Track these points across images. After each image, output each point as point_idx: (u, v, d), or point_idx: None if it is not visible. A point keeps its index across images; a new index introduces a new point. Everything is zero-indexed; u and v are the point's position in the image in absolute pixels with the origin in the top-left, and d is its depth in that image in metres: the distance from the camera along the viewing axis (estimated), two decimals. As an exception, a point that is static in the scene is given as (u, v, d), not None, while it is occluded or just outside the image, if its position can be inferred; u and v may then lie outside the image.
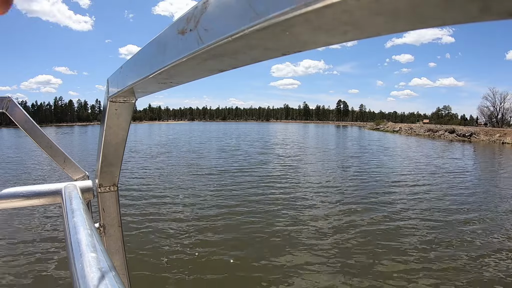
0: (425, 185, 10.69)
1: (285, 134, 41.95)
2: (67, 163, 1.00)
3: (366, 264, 4.74)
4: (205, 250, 5.15)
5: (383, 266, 4.63)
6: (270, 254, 4.99)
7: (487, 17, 0.13)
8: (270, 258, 4.87)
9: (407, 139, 37.44)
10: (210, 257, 4.92)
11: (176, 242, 5.44)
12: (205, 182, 10.43)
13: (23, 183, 8.89)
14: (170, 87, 0.46)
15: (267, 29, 0.19)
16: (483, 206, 8.08)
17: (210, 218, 6.65)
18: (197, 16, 0.26)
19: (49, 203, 0.84)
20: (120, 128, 0.77)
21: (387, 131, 56.16)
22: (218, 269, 4.55)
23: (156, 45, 0.37)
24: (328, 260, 4.83)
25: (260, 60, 0.27)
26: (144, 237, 5.62)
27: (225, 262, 4.76)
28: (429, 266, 4.71)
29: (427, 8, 0.14)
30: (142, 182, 10.38)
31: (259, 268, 4.59)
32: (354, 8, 0.15)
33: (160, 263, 4.72)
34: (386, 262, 4.76)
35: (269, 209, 7.40)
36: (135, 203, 7.75)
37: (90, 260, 0.44)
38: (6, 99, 0.92)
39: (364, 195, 8.95)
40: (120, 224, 0.96)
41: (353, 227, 6.29)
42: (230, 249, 5.17)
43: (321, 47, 0.21)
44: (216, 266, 4.63)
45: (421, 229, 6.16)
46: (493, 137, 35.89)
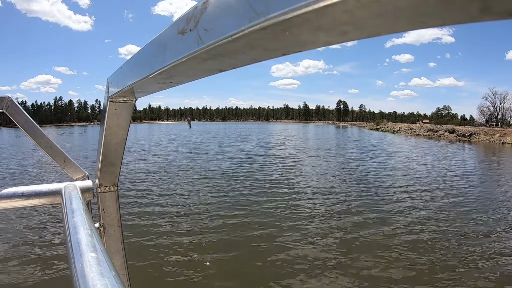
0: (430, 186, 10.70)
1: (285, 135, 41.96)
2: (67, 163, 0.99)
3: (372, 271, 4.74)
4: (205, 250, 5.14)
5: (390, 274, 4.63)
6: (271, 255, 4.99)
7: (487, 17, 0.13)
8: (271, 259, 4.87)
9: (407, 139, 37.45)
10: (211, 257, 4.92)
11: (177, 242, 5.44)
12: (205, 182, 10.43)
13: (23, 183, 8.90)
14: (170, 87, 0.46)
15: (267, 29, 0.19)
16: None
17: (210, 218, 6.65)
18: (197, 16, 0.26)
19: (49, 203, 0.84)
20: (120, 128, 0.77)
21: (387, 131, 56.15)
22: (218, 270, 4.55)
23: (156, 45, 0.37)
24: (332, 263, 4.84)
25: (260, 60, 0.27)
26: (144, 237, 5.62)
27: (225, 262, 4.76)
28: (432, 266, 4.72)
29: (427, 8, 0.14)
30: (142, 182, 10.38)
31: (259, 269, 4.59)
32: (354, 8, 0.15)
33: (160, 263, 4.72)
34: (394, 271, 4.75)
35: (271, 209, 7.40)
36: (135, 203, 7.75)
37: (90, 260, 0.44)
38: (6, 99, 0.92)
39: (367, 197, 8.94)
40: (120, 224, 0.96)
41: (357, 230, 6.29)
42: (230, 249, 5.17)
43: (321, 47, 0.21)
44: (216, 266, 4.63)
45: (432, 240, 6.11)
46: (493, 137, 35.89)
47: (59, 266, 4.59)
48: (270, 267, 4.61)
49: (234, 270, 4.56)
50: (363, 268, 4.62)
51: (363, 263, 4.75)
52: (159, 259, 4.83)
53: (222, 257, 4.91)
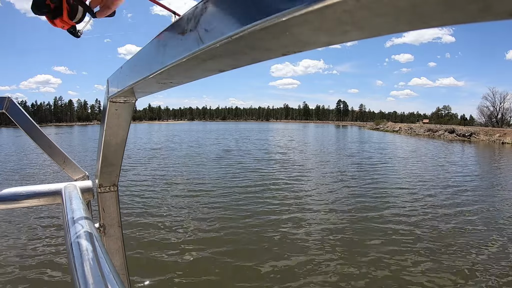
0: (430, 185, 10.70)
1: (285, 136, 41.96)
2: (67, 163, 0.99)
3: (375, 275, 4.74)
4: (206, 250, 5.14)
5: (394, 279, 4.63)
6: (272, 259, 4.99)
7: (487, 17, 0.13)
8: (273, 263, 4.87)
9: (406, 139, 37.46)
10: (211, 257, 4.92)
11: (177, 242, 5.44)
12: (206, 182, 10.43)
13: (23, 183, 8.89)
14: (170, 87, 0.46)
15: (267, 29, 0.19)
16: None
17: (211, 218, 6.65)
18: (197, 16, 0.26)
19: (49, 203, 0.84)
20: (120, 128, 0.77)
21: (387, 131, 56.18)
22: (218, 270, 4.55)
23: (156, 45, 0.37)
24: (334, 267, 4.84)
25: (260, 60, 0.27)
26: (144, 237, 5.62)
27: (225, 263, 4.75)
28: (434, 266, 4.72)
29: (427, 8, 0.14)
30: (142, 182, 10.38)
31: (260, 269, 4.60)
32: (354, 8, 0.15)
33: (160, 263, 4.72)
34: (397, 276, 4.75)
35: (273, 211, 7.40)
36: (135, 203, 7.75)
37: (90, 260, 0.44)
38: (6, 99, 0.92)
39: (369, 199, 8.95)
40: (120, 224, 0.97)
41: (356, 230, 6.30)
42: (230, 249, 5.17)
43: (321, 47, 0.21)
44: (216, 267, 4.63)
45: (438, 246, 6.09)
46: (492, 137, 35.91)
47: (59, 266, 4.59)
48: (273, 271, 4.61)
49: (235, 271, 4.56)
50: (363, 268, 4.63)
51: (363, 264, 4.76)
52: (159, 259, 4.83)
53: (223, 257, 4.91)
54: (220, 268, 4.57)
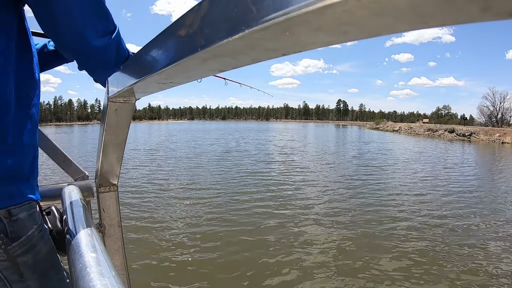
0: (431, 184, 10.70)
1: (286, 135, 42.01)
2: (67, 163, 1.00)
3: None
4: (206, 250, 5.15)
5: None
6: (273, 259, 5.00)
7: (487, 17, 0.13)
8: (274, 263, 4.87)
9: (406, 139, 37.48)
10: (211, 257, 4.92)
11: (177, 242, 5.45)
12: (206, 182, 10.43)
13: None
14: (170, 87, 0.46)
15: (267, 29, 0.19)
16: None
17: (212, 218, 6.65)
18: (197, 16, 0.26)
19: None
20: (120, 128, 0.77)
21: (387, 130, 56.17)
22: (219, 270, 4.56)
23: (156, 45, 0.37)
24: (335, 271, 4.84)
25: (260, 60, 0.27)
26: (144, 237, 5.62)
27: (225, 263, 4.76)
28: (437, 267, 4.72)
29: (427, 8, 0.14)
30: (142, 182, 10.37)
31: (260, 270, 4.60)
32: (354, 8, 0.15)
33: (160, 263, 4.72)
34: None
35: (275, 211, 7.40)
36: (135, 203, 7.75)
37: (90, 260, 0.44)
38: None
39: (371, 199, 8.96)
40: (120, 224, 0.97)
41: (357, 229, 6.30)
42: (231, 250, 5.17)
43: (321, 47, 0.21)
44: (217, 267, 4.63)
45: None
46: (492, 137, 35.94)
47: (59, 266, 4.59)
48: (273, 272, 4.62)
49: (237, 272, 4.56)
50: (364, 270, 4.63)
51: (365, 265, 4.76)
52: (159, 259, 4.83)
53: (223, 257, 4.92)
54: (220, 268, 4.57)
